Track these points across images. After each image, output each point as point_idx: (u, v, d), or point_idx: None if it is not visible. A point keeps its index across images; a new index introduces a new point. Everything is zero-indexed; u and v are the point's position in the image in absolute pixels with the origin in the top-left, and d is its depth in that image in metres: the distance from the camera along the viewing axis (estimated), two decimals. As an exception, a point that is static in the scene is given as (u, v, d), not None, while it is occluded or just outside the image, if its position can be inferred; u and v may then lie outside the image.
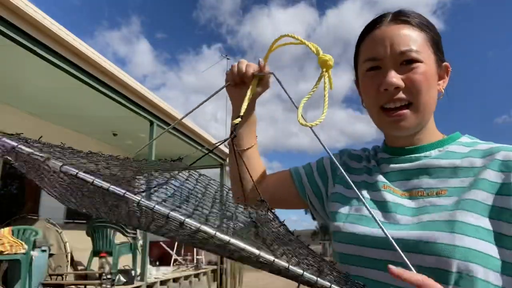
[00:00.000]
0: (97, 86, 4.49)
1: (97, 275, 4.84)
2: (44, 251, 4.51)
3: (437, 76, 0.68)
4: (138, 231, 6.97)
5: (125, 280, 4.96)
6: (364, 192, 0.70)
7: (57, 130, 7.35)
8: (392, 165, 0.70)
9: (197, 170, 0.67)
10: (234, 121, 0.73)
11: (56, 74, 4.24)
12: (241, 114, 0.73)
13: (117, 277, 4.84)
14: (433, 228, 0.57)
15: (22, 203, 6.89)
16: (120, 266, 5.35)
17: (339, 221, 0.69)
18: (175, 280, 6.39)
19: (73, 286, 4.77)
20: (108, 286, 4.55)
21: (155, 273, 6.25)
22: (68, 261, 5.41)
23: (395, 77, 0.64)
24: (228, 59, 14.44)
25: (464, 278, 0.53)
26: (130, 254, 5.68)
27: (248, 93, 0.76)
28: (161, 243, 8.52)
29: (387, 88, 0.64)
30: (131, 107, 5.24)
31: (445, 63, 0.71)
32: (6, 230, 4.21)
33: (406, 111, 0.65)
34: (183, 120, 6.55)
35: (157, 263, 8.46)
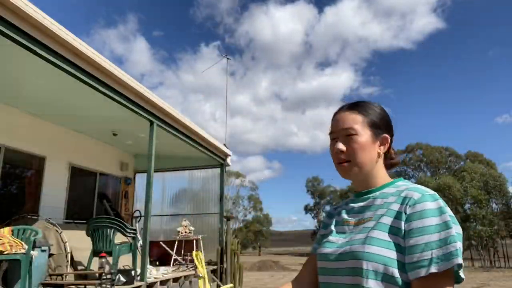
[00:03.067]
0: (97, 86, 4.49)
1: (97, 275, 4.84)
2: (44, 251, 4.51)
3: (374, 144, 1.03)
4: (137, 230, 6.97)
5: (125, 280, 4.96)
6: (332, 227, 1.08)
7: (57, 130, 7.35)
8: (351, 204, 1.08)
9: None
10: None
11: (56, 74, 4.24)
12: None
13: (117, 277, 4.84)
14: (355, 243, 0.92)
15: (22, 203, 6.89)
16: (120, 266, 5.35)
17: (317, 246, 1.10)
18: (175, 280, 6.39)
19: (73, 286, 4.77)
20: (108, 286, 4.55)
21: (155, 273, 6.25)
22: (68, 261, 5.41)
23: (340, 145, 1.02)
24: (228, 59, 14.41)
25: (373, 273, 0.86)
26: (130, 254, 5.68)
27: None
28: (161, 243, 8.52)
29: (336, 151, 1.03)
30: (131, 107, 5.23)
31: (383, 135, 1.05)
32: (6, 230, 4.21)
33: (345, 164, 1.02)
34: (182, 120, 6.54)
35: (157, 263, 8.45)
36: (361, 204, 1.04)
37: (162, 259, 8.55)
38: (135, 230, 5.61)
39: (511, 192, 28.87)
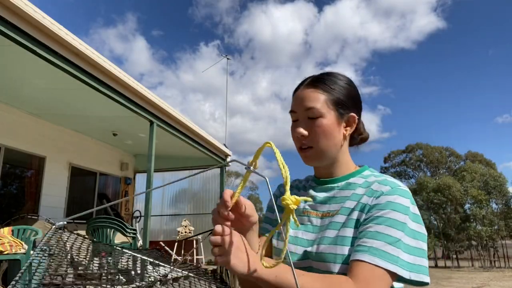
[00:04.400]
0: (97, 86, 4.49)
1: (97, 275, 4.83)
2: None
3: (339, 126, 0.92)
4: (137, 230, 6.97)
5: (125, 280, 4.96)
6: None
7: (57, 130, 7.35)
8: (313, 193, 0.97)
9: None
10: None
11: (56, 74, 4.24)
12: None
13: (117, 277, 4.84)
14: (324, 243, 0.84)
15: (22, 203, 6.89)
16: (120, 266, 5.34)
17: (274, 240, 0.98)
18: (175, 280, 6.39)
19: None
20: (108, 286, 4.55)
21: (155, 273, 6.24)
22: (68, 261, 5.41)
23: (301, 128, 0.90)
24: (228, 58, 14.41)
25: (342, 273, 0.78)
26: (130, 254, 5.67)
27: (239, 189, 0.71)
28: (161, 243, 8.53)
29: (297, 136, 0.91)
30: (131, 107, 5.23)
31: (350, 114, 0.93)
32: (6, 230, 4.21)
33: (307, 152, 0.92)
34: (182, 120, 6.54)
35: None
36: (325, 194, 0.94)
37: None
38: (135, 230, 5.61)
39: (511, 192, 28.89)
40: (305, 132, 0.90)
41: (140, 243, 6.27)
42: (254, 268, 0.69)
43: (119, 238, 5.59)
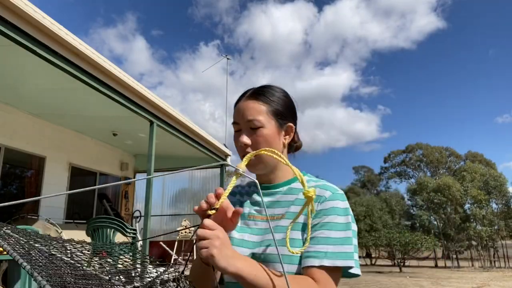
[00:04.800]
0: (97, 86, 4.49)
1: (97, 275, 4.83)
2: (44, 251, 4.50)
3: (279, 135, 0.98)
4: (137, 230, 6.97)
5: (125, 280, 4.96)
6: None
7: (57, 130, 7.35)
8: (257, 198, 1.02)
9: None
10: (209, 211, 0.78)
11: (56, 74, 4.23)
12: (217, 206, 0.78)
13: (117, 277, 4.84)
14: (272, 245, 0.88)
15: (22, 203, 6.89)
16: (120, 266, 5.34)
17: (235, 232, 1.00)
18: (175, 280, 6.38)
19: (73, 286, 4.77)
20: (108, 286, 4.55)
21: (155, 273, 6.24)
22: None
23: (245, 138, 0.96)
24: (228, 59, 14.40)
25: (290, 273, 0.84)
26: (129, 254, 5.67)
27: (229, 186, 0.80)
28: (161, 243, 8.53)
29: (241, 145, 0.96)
30: (131, 107, 5.23)
31: (288, 124, 1.00)
32: (6, 230, 4.21)
33: (250, 161, 0.92)
34: (182, 120, 6.54)
35: (157, 263, 8.45)
36: (269, 198, 0.99)
37: (162, 259, 8.54)
38: (135, 230, 5.61)
39: (511, 192, 28.89)
40: (248, 141, 0.96)
41: (140, 243, 6.27)
42: (234, 264, 0.73)
43: (119, 238, 5.59)
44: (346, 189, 37.50)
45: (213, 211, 0.77)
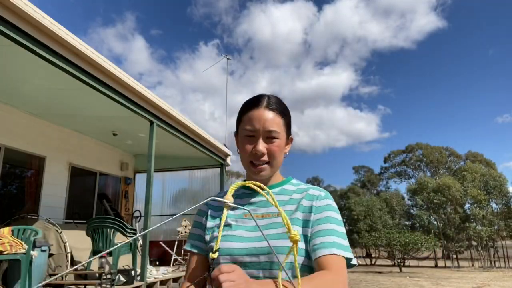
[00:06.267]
0: (97, 86, 4.49)
1: (97, 275, 4.83)
2: (44, 251, 4.51)
3: (286, 145, 1.09)
4: (137, 230, 6.96)
5: (125, 280, 4.96)
6: (229, 220, 1.03)
7: (57, 130, 7.35)
8: (252, 199, 1.07)
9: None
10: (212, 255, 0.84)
11: (56, 74, 4.24)
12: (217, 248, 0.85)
13: (117, 277, 4.84)
14: (271, 238, 0.93)
15: (22, 203, 6.89)
16: (120, 266, 5.35)
17: (200, 244, 1.06)
18: (175, 280, 6.40)
19: (73, 286, 4.77)
20: (108, 286, 4.55)
21: (155, 273, 6.25)
22: (68, 261, 5.41)
23: (262, 146, 1.02)
24: (228, 58, 14.41)
25: (289, 264, 0.89)
26: (130, 254, 5.68)
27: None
28: (161, 243, 8.53)
29: (257, 152, 1.02)
30: (131, 107, 5.23)
31: (290, 136, 1.11)
32: (6, 230, 4.21)
33: (265, 166, 1.04)
34: (182, 120, 6.54)
35: (157, 263, 8.46)
36: (263, 198, 1.05)
37: (162, 259, 8.55)
38: (135, 230, 5.61)
39: (511, 192, 28.87)
40: (265, 151, 1.03)
41: (140, 243, 6.27)
42: None
43: (119, 238, 5.59)
44: (346, 189, 37.47)
45: (216, 254, 0.83)
